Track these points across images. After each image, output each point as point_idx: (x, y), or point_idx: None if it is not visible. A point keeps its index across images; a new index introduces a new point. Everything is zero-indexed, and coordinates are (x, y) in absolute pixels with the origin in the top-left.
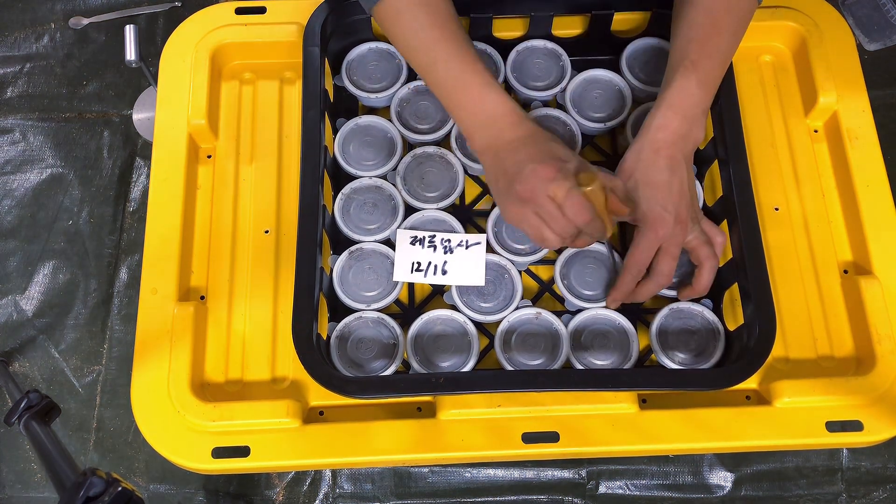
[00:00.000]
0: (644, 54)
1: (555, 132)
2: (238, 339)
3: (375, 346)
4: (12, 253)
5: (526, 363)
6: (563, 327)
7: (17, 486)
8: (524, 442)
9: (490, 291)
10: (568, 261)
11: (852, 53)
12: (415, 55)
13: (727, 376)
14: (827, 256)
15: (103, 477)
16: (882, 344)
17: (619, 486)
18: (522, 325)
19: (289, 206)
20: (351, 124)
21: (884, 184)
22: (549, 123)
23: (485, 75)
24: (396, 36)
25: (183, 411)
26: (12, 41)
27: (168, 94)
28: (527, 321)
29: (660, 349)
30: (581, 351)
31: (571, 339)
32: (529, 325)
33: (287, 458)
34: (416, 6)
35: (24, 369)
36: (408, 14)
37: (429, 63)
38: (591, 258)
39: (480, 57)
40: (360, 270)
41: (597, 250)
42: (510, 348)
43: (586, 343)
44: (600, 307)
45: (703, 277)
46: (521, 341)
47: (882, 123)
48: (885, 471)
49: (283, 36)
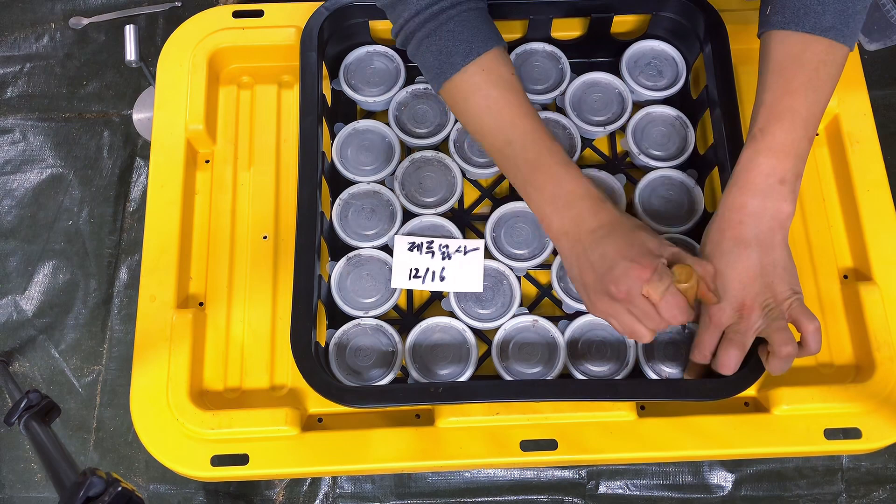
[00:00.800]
0: (644, 57)
1: (555, 136)
2: (237, 346)
3: (374, 354)
4: (12, 253)
5: (523, 372)
6: (560, 335)
7: (17, 486)
8: (522, 450)
9: (488, 297)
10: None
11: (853, 56)
12: (489, 135)
13: (725, 386)
14: (827, 262)
15: (103, 477)
16: (881, 351)
17: (619, 486)
18: (519, 333)
19: (287, 211)
20: (349, 128)
21: (884, 189)
22: (548, 127)
23: (563, 156)
24: (468, 114)
25: (182, 419)
26: (12, 41)
27: (166, 99)
28: (524, 329)
29: (645, 361)
30: (578, 359)
31: (568, 347)
32: (526, 334)
33: (286, 466)
34: (491, 84)
35: (24, 369)
36: (483, 92)
37: (504, 143)
38: None
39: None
40: (359, 277)
41: None
42: (507, 357)
43: (583, 351)
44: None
45: (773, 366)
46: (517, 350)
47: (882, 124)
48: (885, 471)
49: (280, 40)
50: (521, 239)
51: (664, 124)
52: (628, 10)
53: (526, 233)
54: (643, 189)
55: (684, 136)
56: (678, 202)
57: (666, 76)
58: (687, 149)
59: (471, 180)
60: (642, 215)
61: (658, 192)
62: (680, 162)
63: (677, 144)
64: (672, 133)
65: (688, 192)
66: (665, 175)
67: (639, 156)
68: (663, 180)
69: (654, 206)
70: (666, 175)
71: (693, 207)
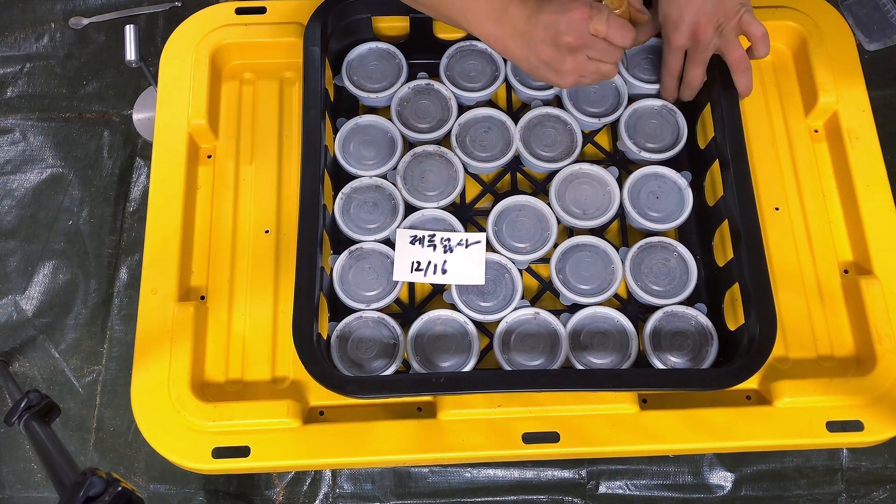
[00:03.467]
0: (643, 51)
1: (555, 132)
2: (238, 338)
3: (376, 346)
4: (12, 253)
5: (525, 364)
6: (562, 327)
7: (17, 486)
8: (524, 442)
9: (490, 290)
10: (564, 255)
11: (852, 53)
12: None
13: (728, 376)
14: (827, 256)
15: (103, 477)
16: (882, 344)
17: (619, 486)
18: (521, 325)
19: (289, 205)
20: (351, 124)
21: (884, 184)
22: (549, 123)
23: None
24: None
25: (183, 411)
26: (12, 41)
27: (168, 94)
28: (525, 321)
29: (652, 351)
30: (580, 350)
31: (571, 338)
32: (528, 326)
33: (287, 458)
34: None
35: (24, 369)
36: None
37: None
38: (588, 251)
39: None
40: (360, 270)
41: (592, 243)
42: (509, 349)
43: (585, 342)
44: (596, 303)
45: (737, 81)
46: (519, 342)
47: (882, 123)
48: (885, 471)
49: (283, 36)
50: (523, 233)
51: (655, 116)
52: None
53: (528, 226)
54: (633, 184)
55: (676, 128)
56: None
57: None
58: (680, 139)
59: (472, 175)
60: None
61: (649, 188)
62: (674, 154)
63: (669, 136)
64: (664, 124)
65: (679, 192)
66: (656, 173)
67: (637, 151)
68: (654, 177)
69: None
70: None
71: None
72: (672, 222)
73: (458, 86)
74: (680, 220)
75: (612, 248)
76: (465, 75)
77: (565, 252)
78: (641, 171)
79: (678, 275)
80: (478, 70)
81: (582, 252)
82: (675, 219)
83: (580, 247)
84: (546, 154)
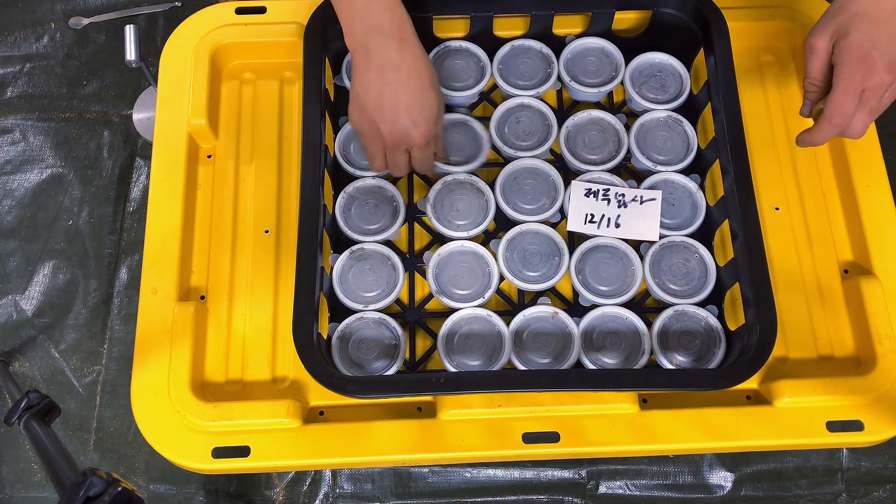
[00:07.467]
0: (648, 69)
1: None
2: (238, 338)
3: (377, 347)
4: (12, 253)
5: (536, 361)
6: (576, 327)
7: (17, 486)
8: (524, 442)
9: (535, 262)
10: (584, 256)
11: None
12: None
13: (728, 376)
14: (827, 256)
15: (103, 477)
16: (882, 343)
17: (619, 486)
18: (537, 321)
19: (289, 205)
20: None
21: (884, 184)
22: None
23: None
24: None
25: (183, 411)
26: (12, 41)
27: (168, 95)
28: (542, 318)
29: (659, 350)
30: (593, 351)
31: (583, 338)
32: (543, 324)
33: (287, 458)
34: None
35: (24, 369)
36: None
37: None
38: (608, 253)
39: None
40: (361, 271)
41: (612, 244)
42: (522, 346)
43: (598, 343)
44: (615, 304)
45: (817, 128)
46: (532, 339)
47: (882, 123)
48: (885, 471)
49: (283, 36)
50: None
51: (663, 128)
52: (630, 5)
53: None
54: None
55: (685, 136)
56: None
57: (670, 89)
58: (691, 149)
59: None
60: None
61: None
62: (688, 163)
63: (680, 146)
64: (672, 135)
65: (690, 196)
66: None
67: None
68: (665, 184)
69: None
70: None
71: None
72: (688, 228)
73: (449, 87)
74: (695, 226)
75: (632, 250)
76: (452, 76)
77: (585, 253)
78: (651, 179)
79: (697, 276)
80: (462, 71)
81: (602, 253)
82: (691, 224)
83: (600, 248)
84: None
